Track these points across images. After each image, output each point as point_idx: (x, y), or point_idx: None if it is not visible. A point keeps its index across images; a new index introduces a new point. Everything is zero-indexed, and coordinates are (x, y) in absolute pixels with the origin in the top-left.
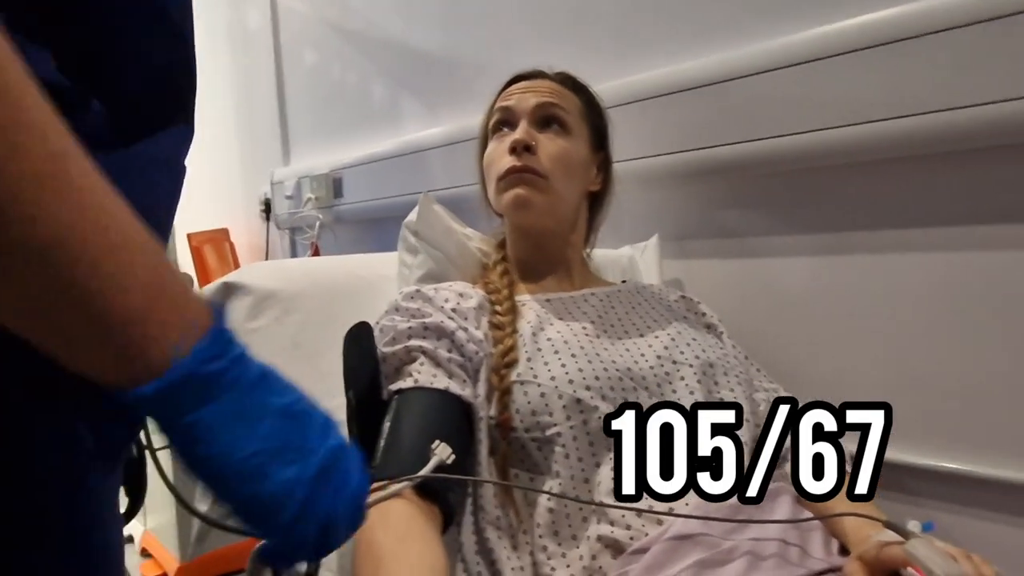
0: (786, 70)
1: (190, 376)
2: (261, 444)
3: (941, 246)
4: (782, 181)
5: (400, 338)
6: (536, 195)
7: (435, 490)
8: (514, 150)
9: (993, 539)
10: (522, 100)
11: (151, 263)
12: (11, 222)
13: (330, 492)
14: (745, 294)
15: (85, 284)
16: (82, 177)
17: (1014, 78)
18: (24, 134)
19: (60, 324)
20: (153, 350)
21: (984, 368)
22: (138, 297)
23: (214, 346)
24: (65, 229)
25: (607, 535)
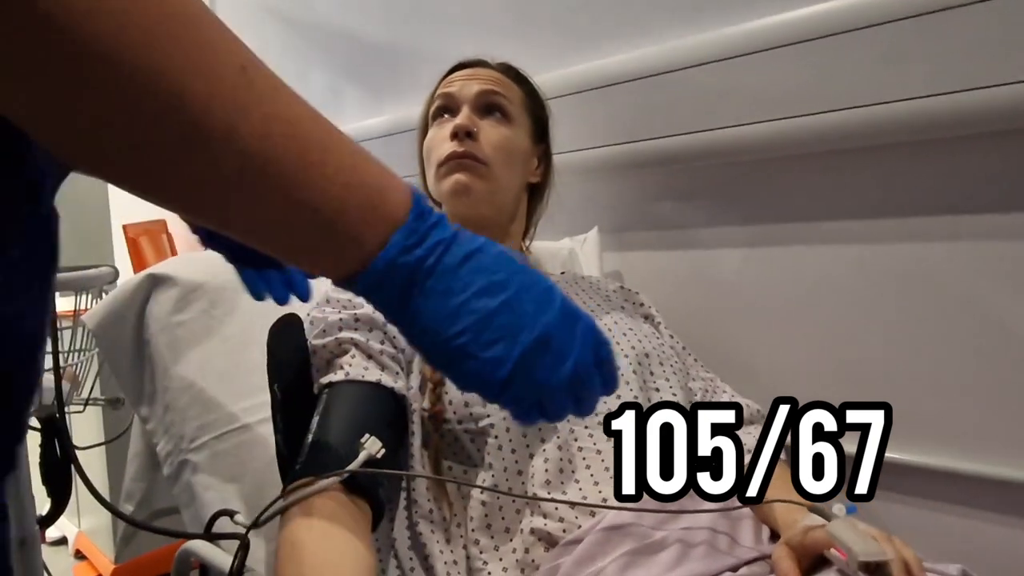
0: (721, 63)
1: (390, 267)
2: (464, 324)
3: (874, 238)
4: (719, 173)
5: (331, 330)
6: (476, 182)
7: (364, 486)
8: (455, 136)
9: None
10: (464, 87)
11: (347, 162)
12: (247, 146)
13: (547, 363)
14: (683, 285)
15: (303, 187)
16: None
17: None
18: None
19: (288, 229)
20: (353, 246)
21: (919, 359)
22: (337, 192)
23: (411, 235)
24: (280, 147)
25: (540, 528)
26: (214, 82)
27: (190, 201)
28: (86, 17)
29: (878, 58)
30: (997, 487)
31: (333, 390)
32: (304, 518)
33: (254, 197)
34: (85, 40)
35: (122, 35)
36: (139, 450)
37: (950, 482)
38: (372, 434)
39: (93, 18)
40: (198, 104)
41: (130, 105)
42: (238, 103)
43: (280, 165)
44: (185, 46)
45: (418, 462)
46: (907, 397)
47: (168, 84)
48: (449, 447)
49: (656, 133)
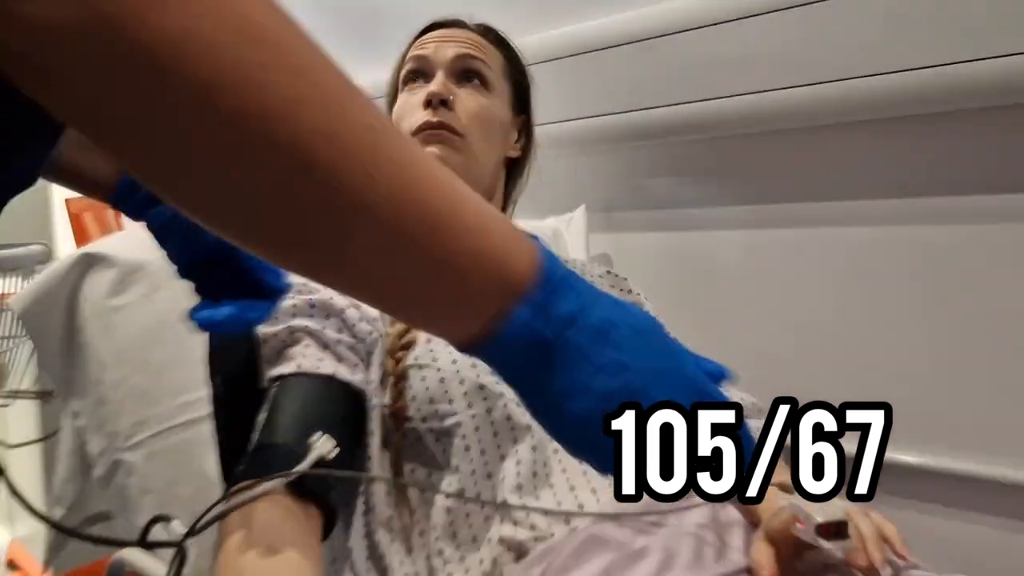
0: (718, 27)
1: (509, 344)
2: (593, 404)
3: (880, 219)
4: (715, 148)
5: (283, 317)
6: (452, 155)
7: (314, 490)
8: (429, 103)
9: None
10: (439, 49)
11: (473, 224)
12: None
13: None
14: (676, 269)
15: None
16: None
17: (950, 42)
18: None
19: (408, 294)
20: (473, 316)
21: (920, 349)
22: (462, 261)
23: (538, 313)
24: (422, 202)
25: (510, 536)
26: (345, 147)
27: (309, 266)
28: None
29: (884, 24)
30: (999, 488)
31: (283, 383)
32: (245, 528)
33: (378, 262)
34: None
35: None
36: (71, 448)
37: (944, 481)
38: (325, 432)
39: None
40: (329, 171)
41: (265, 172)
42: (367, 168)
43: (408, 232)
44: (317, 112)
45: (377, 464)
46: (906, 386)
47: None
48: (412, 447)
49: (648, 103)
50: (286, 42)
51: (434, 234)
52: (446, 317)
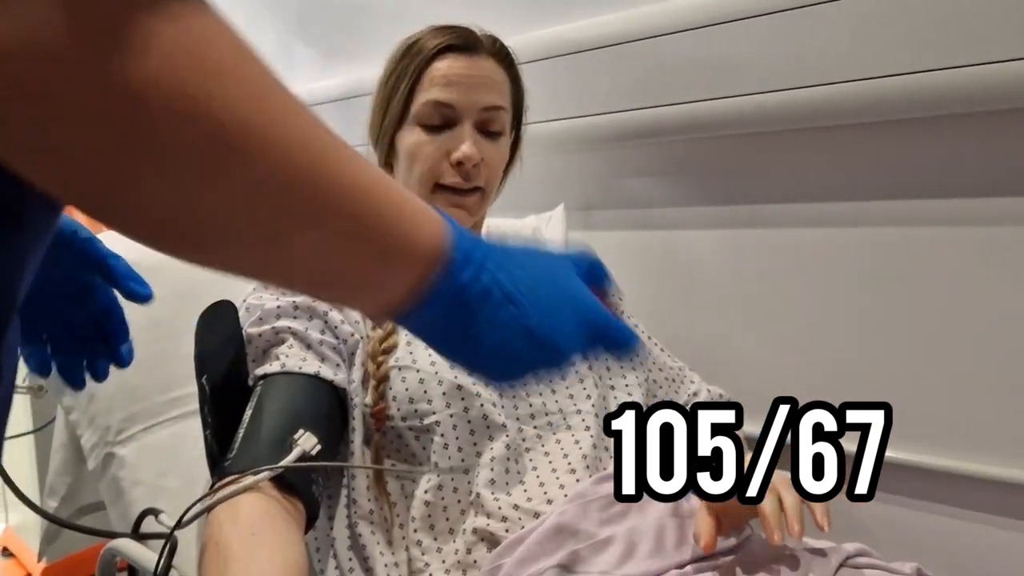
0: (696, 32)
1: (432, 306)
2: (502, 336)
3: (859, 221)
4: (693, 149)
5: (267, 318)
6: (472, 213)
7: (296, 484)
8: (460, 164)
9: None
10: (468, 96)
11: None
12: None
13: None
14: (654, 268)
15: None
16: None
17: (928, 48)
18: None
19: (351, 262)
20: (394, 289)
21: (902, 351)
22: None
23: (452, 280)
24: (359, 188)
25: (483, 528)
26: (269, 130)
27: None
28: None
29: (860, 31)
30: (994, 487)
31: (268, 382)
32: (231, 517)
33: (302, 245)
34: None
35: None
36: (63, 442)
37: (945, 481)
38: (308, 429)
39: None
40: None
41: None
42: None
43: (329, 209)
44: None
45: (359, 460)
46: (889, 391)
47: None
48: (392, 444)
49: (627, 105)
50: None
51: (356, 211)
52: (366, 291)
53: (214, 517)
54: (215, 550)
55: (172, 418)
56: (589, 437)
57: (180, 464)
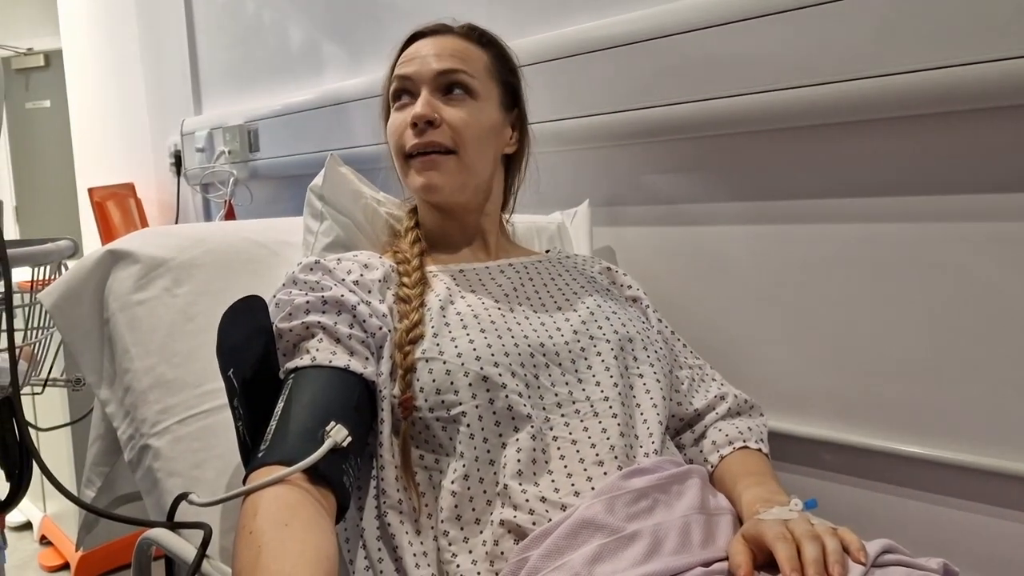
0: (717, 28)
1: None
2: None
3: (880, 217)
4: (716, 145)
5: (297, 313)
6: (446, 178)
7: (328, 475)
8: (415, 126)
9: (902, 511)
10: (422, 66)
11: None
12: None
13: None
14: (677, 263)
15: None
16: None
17: (948, 44)
18: None
19: None
20: None
21: (923, 346)
22: None
23: None
24: None
25: (510, 519)
26: None
27: None
28: None
29: (881, 27)
30: (1006, 482)
31: (298, 375)
32: (264, 507)
33: None
34: None
35: None
36: (100, 434)
37: (972, 477)
38: (338, 422)
39: None
40: None
41: None
42: None
43: None
44: None
45: (387, 450)
46: (906, 379)
47: None
48: (420, 435)
49: (650, 102)
50: None
51: None
52: None
53: (248, 507)
54: (249, 539)
55: (206, 411)
56: (616, 426)
57: (214, 455)
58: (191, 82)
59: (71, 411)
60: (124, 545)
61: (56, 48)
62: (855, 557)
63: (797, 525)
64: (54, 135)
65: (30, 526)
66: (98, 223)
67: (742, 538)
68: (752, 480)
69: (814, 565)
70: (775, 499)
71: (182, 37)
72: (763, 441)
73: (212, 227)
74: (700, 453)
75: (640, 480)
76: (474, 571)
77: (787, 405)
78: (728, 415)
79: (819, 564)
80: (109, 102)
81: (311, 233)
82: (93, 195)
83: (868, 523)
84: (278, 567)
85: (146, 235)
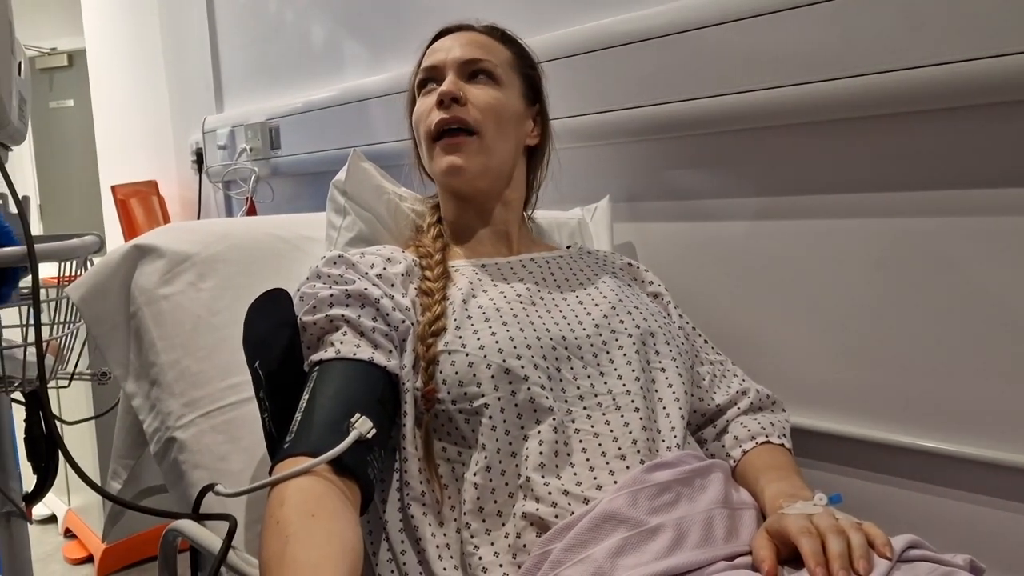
0: (739, 23)
1: None
2: None
3: (902, 211)
4: (736, 140)
5: (321, 306)
6: (469, 159)
7: (353, 466)
8: (441, 103)
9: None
10: (448, 55)
11: None
12: None
13: None
14: (697, 258)
15: None
16: None
17: (969, 38)
18: None
19: None
20: None
21: (941, 340)
22: None
23: None
24: None
25: (533, 512)
26: None
27: None
28: None
29: (908, 19)
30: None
31: (323, 368)
32: (291, 498)
33: None
34: None
35: None
36: (126, 426)
37: (999, 474)
38: (363, 413)
39: None
40: None
41: None
42: None
43: None
44: None
45: (410, 442)
46: (926, 374)
47: None
48: (443, 427)
49: (671, 97)
50: None
51: None
52: None
53: (274, 498)
54: (276, 529)
55: (231, 403)
56: (639, 419)
57: (239, 448)
58: (213, 80)
59: (95, 406)
60: (147, 539)
61: (79, 48)
62: (881, 552)
63: (822, 520)
64: (78, 134)
65: (55, 519)
66: (121, 220)
67: (766, 532)
68: (775, 475)
69: (839, 559)
70: (799, 494)
71: (204, 36)
72: (785, 436)
73: (236, 222)
74: (722, 448)
75: (663, 474)
76: (496, 563)
77: (809, 400)
78: (750, 410)
79: (844, 558)
80: (132, 101)
81: (334, 228)
82: (116, 193)
83: (892, 519)
84: (305, 556)
85: (171, 230)
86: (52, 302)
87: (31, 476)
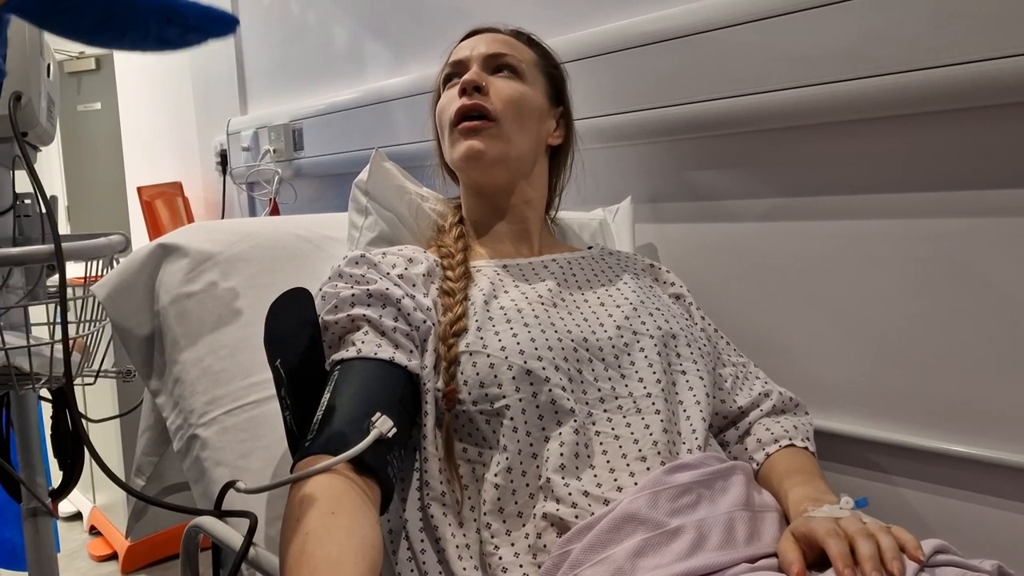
0: (760, 23)
1: None
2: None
3: (924, 212)
4: (759, 141)
5: (343, 306)
6: (489, 144)
7: (373, 465)
8: (464, 91)
9: (954, 512)
10: (472, 51)
11: None
12: None
13: None
14: (719, 259)
15: None
16: None
17: (994, 38)
18: None
19: None
20: None
21: (968, 342)
22: None
23: None
24: None
25: (553, 513)
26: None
27: None
28: None
29: (926, 18)
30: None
31: (344, 367)
32: (311, 496)
33: None
34: None
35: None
36: (150, 424)
37: (1012, 477)
38: (383, 413)
39: None
40: None
41: None
42: None
43: None
44: None
45: (431, 442)
46: (950, 383)
47: None
48: (463, 427)
49: (692, 97)
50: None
51: None
52: None
53: (295, 495)
54: (296, 526)
55: (253, 402)
56: (660, 422)
57: (260, 446)
58: (237, 83)
59: (120, 404)
60: (170, 536)
61: (107, 52)
62: (912, 555)
63: (849, 523)
64: (104, 136)
65: (80, 516)
66: (147, 221)
67: (792, 536)
68: (799, 479)
69: (871, 561)
70: (823, 498)
71: (228, 39)
72: (809, 439)
73: (259, 222)
74: (745, 451)
75: (684, 475)
76: (516, 563)
77: (832, 403)
78: (773, 413)
79: (875, 560)
80: (157, 104)
81: (356, 228)
82: (142, 194)
83: (917, 524)
84: (324, 554)
85: (195, 230)
86: (79, 300)
87: (57, 473)
